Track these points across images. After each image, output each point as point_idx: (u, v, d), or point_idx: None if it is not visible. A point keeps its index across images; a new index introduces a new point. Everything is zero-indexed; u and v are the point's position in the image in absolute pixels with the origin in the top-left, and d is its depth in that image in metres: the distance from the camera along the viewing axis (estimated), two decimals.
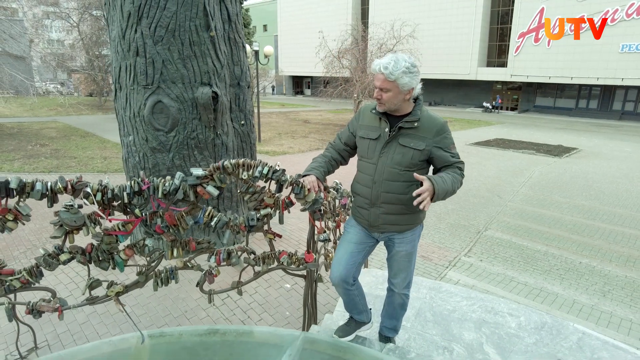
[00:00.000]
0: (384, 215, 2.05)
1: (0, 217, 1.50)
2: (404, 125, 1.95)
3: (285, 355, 1.61)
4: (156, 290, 1.82)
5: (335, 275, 2.11)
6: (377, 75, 1.90)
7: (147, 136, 4.10)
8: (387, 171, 1.99)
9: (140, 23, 3.87)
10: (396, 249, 2.15)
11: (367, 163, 2.06)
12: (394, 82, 1.86)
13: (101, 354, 1.74)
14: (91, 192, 1.58)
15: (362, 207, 2.12)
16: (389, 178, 1.99)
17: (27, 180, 1.51)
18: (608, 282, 4.67)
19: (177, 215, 1.76)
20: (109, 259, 1.71)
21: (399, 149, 1.97)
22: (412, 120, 1.95)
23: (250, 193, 1.91)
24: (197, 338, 1.83)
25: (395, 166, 1.97)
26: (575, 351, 2.58)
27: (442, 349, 2.30)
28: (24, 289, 1.63)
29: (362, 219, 2.15)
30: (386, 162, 1.99)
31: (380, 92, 1.91)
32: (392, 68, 1.83)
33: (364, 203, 2.10)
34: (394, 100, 1.91)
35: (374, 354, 1.84)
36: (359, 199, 2.14)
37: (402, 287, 2.24)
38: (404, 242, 2.13)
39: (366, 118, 2.10)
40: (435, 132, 1.96)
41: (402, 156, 1.96)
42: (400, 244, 2.13)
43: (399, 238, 2.13)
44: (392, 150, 1.98)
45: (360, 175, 2.13)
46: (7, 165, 9.49)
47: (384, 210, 2.04)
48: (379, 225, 2.09)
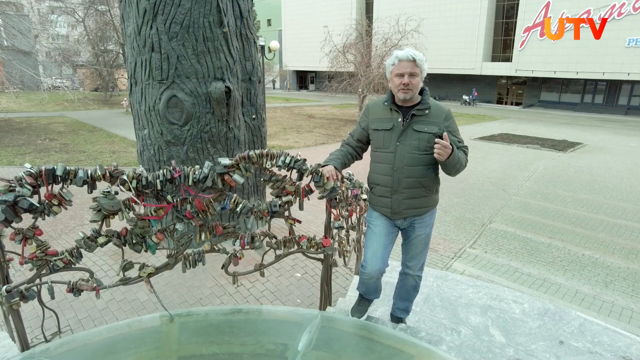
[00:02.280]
0: (406, 201, 2.18)
1: (47, 202, 1.64)
2: (417, 112, 2.11)
3: (305, 332, 1.74)
4: (184, 272, 1.95)
5: (375, 269, 2.22)
6: (404, 64, 2.05)
7: (162, 130, 4.22)
8: (407, 157, 2.12)
9: (156, 19, 3.97)
10: (417, 232, 2.28)
11: (384, 153, 2.19)
12: (421, 67, 2.07)
13: (134, 330, 1.88)
14: (127, 179, 1.71)
15: (383, 196, 2.23)
16: (409, 163, 2.13)
17: (70, 169, 1.65)
18: (610, 273, 4.78)
19: (206, 201, 1.89)
20: (141, 242, 1.85)
21: (414, 135, 2.12)
22: (424, 108, 2.12)
23: (272, 181, 2.04)
24: (222, 317, 1.97)
25: (414, 151, 2.12)
26: (577, 335, 2.69)
27: (450, 330, 2.43)
28: (66, 269, 1.77)
29: (384, 208, 2.26)
30: (404, 149, 2.13)
31: (410, 77, 2.05)
32: (419, 56, 2.05)
33: (385, 192, 2.21)
34: (419, 85, 2.10)
35: (388, 330, 1.97)
36: (378, 188, 2.25)
37: (417, 269, 2.37)
38: (423, 225, 2.27)
39: (377, 111, 2.24)
40: (444, 117, 2.15)
41: (418, 141, 2.11)
42: (421, 228, 2.27)
43: (420, 222, 2.26)
44: (409, 137, 2.12)
45: (377, 166, 2.24)
46: (19, 159, 9.67)
47: (406, 195, 2.17)
48: (402, 211, 2.21)
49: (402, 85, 2.06)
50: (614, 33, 24.61)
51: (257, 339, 1.78)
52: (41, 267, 1.70)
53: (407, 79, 2.05)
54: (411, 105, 2.14)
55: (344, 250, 2.62)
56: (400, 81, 2.06)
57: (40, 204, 1.62)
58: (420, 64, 2.06)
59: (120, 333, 1.90)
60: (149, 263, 1.93)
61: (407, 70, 2.04)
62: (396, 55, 2.09)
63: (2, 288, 1.66)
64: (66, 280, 1.79)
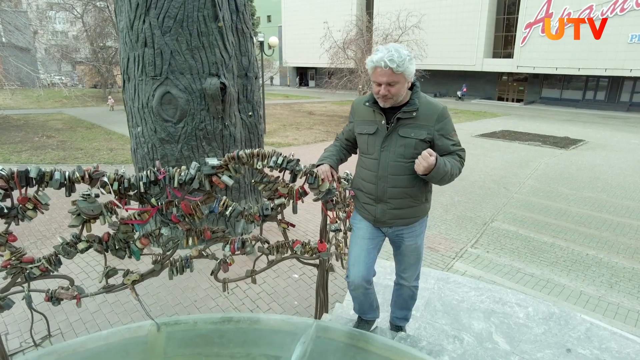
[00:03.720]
0: (391, 211, 1.99)
1: (20, 206, 1.53)
2: (403, 116, 1.87)
3: (299, 342, 1.63)
4: (171, 279, 1.84)
5: (357, 275, 2.03)
6: (380, 71, 1.77)
7: (156, 127, 4.11)
8: (391, 165, 1.92)
9: (149, 14, 3.86)
10: (405, 243, 2.10)
11: (368, 159, 2.00)
12: (401, 74, 1.77)
13: (118, 340, 1.78)
14: (108, 181, 1.60)
15: (367, 204, 2.06)
16: (394, 172, 1.92)
17: (46, 170, 1.54)
18: (615, 273, 4.67)
19: (193, 204, 1.78)
20: (125, 248, 1.74)
21: (400, 141, 1.89)
22: (410, 110, 1.86)
23: (264, 183, 1.93)
24: (211, 326, 1.87)
25: (398, 159, 1.90)
26: (584, 341, 2.60)
27: (452, 338, 2.32)
28: (43, 277, 1.66)
29: (368, 215, 2.08)
30: (389, 157, 1.91)
31: (387, 87, 1.79)
32: (398, 60, 1.72)
33: (369, 199, 2.03)
34: (401, 92, 1.83)
35: (386, 341, 1.86)
36: (363, 195, 2.07)
37: (412, 280, 2.22)
38: (412, 235, 2.08)
39: (361, 112, 2.02)
40: (435, 119, 1.87)
41: (404, 148, 1.88)
42: (409, 238, 2.09)
43: (408, 232, 2.07)
44: (394, 143, 1.90)
45: (362, 171, 2.06)
46: (15, 157, 9.57)
47: (391, 205, 1.98)
48: (386, 220, 2.03)
49: (380, 94, 1.82)
50: (616, 29, 24.42)
51: (247, 351, 1.68)
52: (15, 276, 1.59)
53: (384, 89, 1.80)
54: (398, 105, 1.89)
55: (342, 253, 2.52)
56: (378, 90, 1.82)
57: (12, 209, 1.51)
58: (399, 70, 1.74)
59: (105, 343, 1.80)
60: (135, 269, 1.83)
61: (384, 80, 1.78)
62: (371, 60, 1.79)
63: None
64: (45, 288, 1.69)
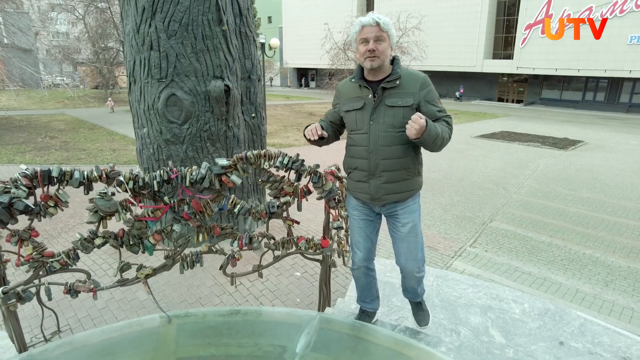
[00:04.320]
0: (385, 185, 2.02)
1: (42, 203, 1.63)
2: (387, 85, 1.93)
3: (303, 333, 1.73)
4: (182, 273, 1.94)
5: (359, 257, 2.16)
6: (368, 28, 1.89)
7: (161, 128, 4.21)
8: (381, 137, 1.95)
9: (154, 17, 3.96)
10: (402, 222, 2.10)
11: (358, 135, 2.03)
12: (387, 32, 1.90)
13: (131, 331, 1.87)
14: (124, 180, 1.70)
15: (360, 181, 2.07)
16: (385, 143, 1.96)
17: (66, 170, 1.64)
18: (611, 272, 4.76)
19: (203, 202, 1.88)
20: (139, 244, 1.84)
21: (388, 111, 1.94)
22: (393, 79, 1.93)
23: (270, 182, 2.03)
24: (220, 318, 1.96)
25: (389, 129, 1.94)
26: (577, 336, 2.68)
27: (450, 331, 2.42)
28: (62, 271, 1.76)
29: (362, 194, 2.09)
30: (378, 128, 1.96)
31: (375, 43, 1.88)
32: (383, 19, 1.89)
33: (362, 176, 2.05)
34: (387, 52, 1.93)
35: (386, 332, 1.95)
36: (355, 173, 2.09)
37: (417, 271, 2.17)
38: (407, 212, 2.09)
39: (347, 91, 2.09)
40: (419, 86, 1.94)
41: (393, 117, 1.94)
42: (404, 215, 2.09)
43: (402, 209, 2.09)
44: (382, 114, 1.95)
45: (352, 149, 2.08)
46: (19, 157, 9.67)
47: (384, 179, 2.01)
48: (381, 196, 2.04)
49: (367, 52, 1.89)
50: (615, 30, 24.52)
51: (255, 341, 1.78)
52: (37, 269, 1.69)
53: (373, 44, 1.88)
54: (382, 78, 1.97)
55: (344, 250, 2.61)
56: (366, 48, 1.90)
57: (36, 206, 1.61)
58: (385, 27, 1.88)
59: (118, 334, 1.89)
60: (147, 264, 1.92)
61: (372, 35, 1.88)
62: (359, 21, 1.92)
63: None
64: (63, 281, 1.79)
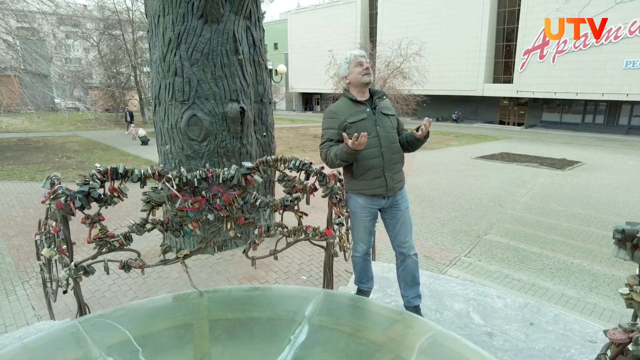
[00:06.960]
0: (395, 176, 2.52)
1: (109, 194, 2.09)
2: (379, 100, 2.57)
3: (311, 303, 2.14)
4: (213, 254, 2.37)
5: (363, 249, 2.64)
6: (360, 59, 2.50)
7: (183, 145, 4.71)
8: (389, 137, 2.51)
9: (179, 48, 4.52)
10: (402, 207, 2.60)
11: (369, 139, 2.37)
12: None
13: (170, 302, 2.29)
14: (172, 177, 2.17)
15: (376, 178, 2.46)
16: (392, 141, 2.52)
17: (128, 168, 2.11)
18: (596, 279, 5.11)
19: (232, 196, 2.34)
20: (180, 229, 2.29)
21: (385, 118, 2.54)
22: (381, 96, 2.59)
23: (285, 181, 2.50)
24: (243, 293, 2.38)
25: (391, 130, 2.54)
26: (551, 323, 3.05)
27: (434, 312, 2.80)
28: (120, 249, 2.20)
29: (378, 189, 2.48)
30: (384, 130, 2.50)
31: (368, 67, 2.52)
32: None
33: (377, 173, 2.46)
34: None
35: (380, 303, 2.35)
36: (370, 172, 2.45)
37: (412, 248, 2.65)
38: (404, 199, 2.63)
39: (344, 110, 2.52)
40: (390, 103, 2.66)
41: (390, 121, 2.56)
42: (402, 201, 2.62)
43: (401, 196, 2.61)
44: (383, 120, 2.53)
45: (364, 153, 2.41)
46: (40, 175, 10.21)
47: (394, 170, 2.52)
48: (394, 186, 2.52)
49: (364, 70, 2.46)
50: (611, 55, 25.28)
51: (271, 309, 2.18)
52: (102, 247, 2.13)
53: (366, 64, 2.49)
54: (370, 97, 2.57)
55: (344, 246, 3.03)
56: (362, 67, 2.47)
57: (105, 195, 2.07)
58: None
59: (159, 304, 2.32)
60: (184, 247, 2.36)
61: (364, 60, 2.50)
62: (351, 53, 2.54)
63: (71, 263, 2.09)
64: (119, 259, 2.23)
